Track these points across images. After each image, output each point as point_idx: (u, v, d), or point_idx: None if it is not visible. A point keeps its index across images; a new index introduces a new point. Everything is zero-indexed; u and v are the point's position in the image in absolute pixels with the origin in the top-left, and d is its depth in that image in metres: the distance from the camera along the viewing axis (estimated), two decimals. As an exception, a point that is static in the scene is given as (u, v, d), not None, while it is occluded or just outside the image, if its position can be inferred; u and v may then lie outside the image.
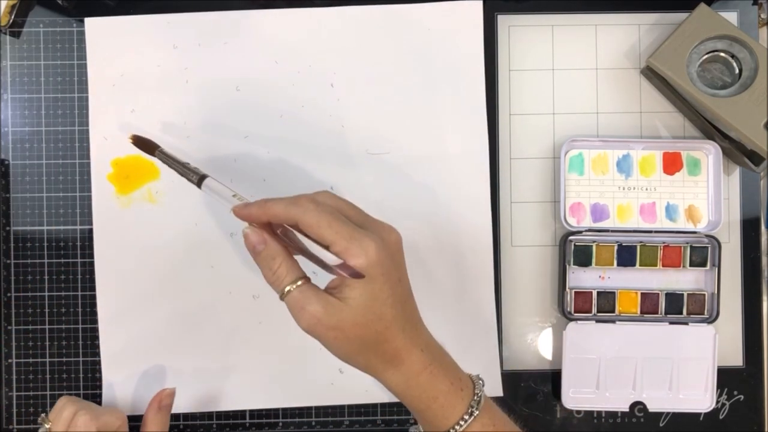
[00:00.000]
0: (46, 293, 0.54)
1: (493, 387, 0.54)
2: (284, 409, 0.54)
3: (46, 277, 0.54)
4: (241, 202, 0.42)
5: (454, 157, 0.54)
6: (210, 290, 0.53)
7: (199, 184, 0.45)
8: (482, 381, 0.44)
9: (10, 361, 0.54)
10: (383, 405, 0.54)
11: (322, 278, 0.41)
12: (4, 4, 0.53)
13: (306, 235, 0.40)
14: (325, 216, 0.39)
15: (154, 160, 0.49)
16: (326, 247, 0.40)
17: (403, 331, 0.40)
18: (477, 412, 0.41)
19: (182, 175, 0.46)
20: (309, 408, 0.54)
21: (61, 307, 0.54)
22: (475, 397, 0.42)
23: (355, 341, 0.40)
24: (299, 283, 0.40)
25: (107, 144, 0.53)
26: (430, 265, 0.53)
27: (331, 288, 0.41)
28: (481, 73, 0.54)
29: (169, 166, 0.47)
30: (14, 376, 0.54)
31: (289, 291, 0.40)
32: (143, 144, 0.49)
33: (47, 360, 0.54)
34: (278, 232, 0.42)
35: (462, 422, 0.41)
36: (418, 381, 0.41)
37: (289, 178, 0.53)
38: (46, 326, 0.54)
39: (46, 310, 0.54)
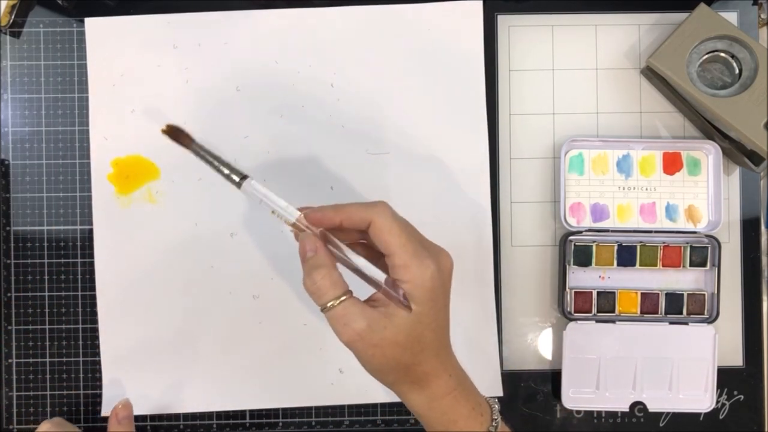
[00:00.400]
0: (46, 293, 0.54)
1: (493, 387, 0.54)
2: (284, 409, 0.54)
3: (46, 277, 0.54)
4: (299, 208, 0.41)
5: (455, 156, 0.54)
6: (210, 290, 0.53)
7: (239, 185, 0.42)
8: (498, 405, 0.45)
9: (10, 361, 0.54)
10: (383, 405, 0.54)
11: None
12: (4, 4, 0.53)
13: (365, 243, 0.40)
14: (398, 224, 0.40)
15: (157, 160, 0.49)
16: (382, 258, 0.40)
17: (437, 356, 0.41)
18: None
19: (219, 172, 0.42)
20: (309, 408, 0.54)
21: (61, 307, 0.54)
22: (494, 423, 0.43)
23: (391, 360, 0.40)
24: (343, 298, 0.39)
25: (107, 144, 0.53)
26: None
27: (374, 301, 0.41)
28: (481, 72, 0.54)
29: (206, 162, 0.43)
30: (14, 376, 0.54)
31: (332, 305, 0.39)
32: (177, 135, 0.44)
33: (47, 360, 0.54)
34: (327, 245, 0.41)
35: None
36: (440, 404, 0.42)
37: (289, 178, 0.53)
38: (46, 326, 0.54)
39: (46, 310, 0.54)
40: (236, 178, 0.42)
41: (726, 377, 0.54)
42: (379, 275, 0.40)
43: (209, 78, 0.53)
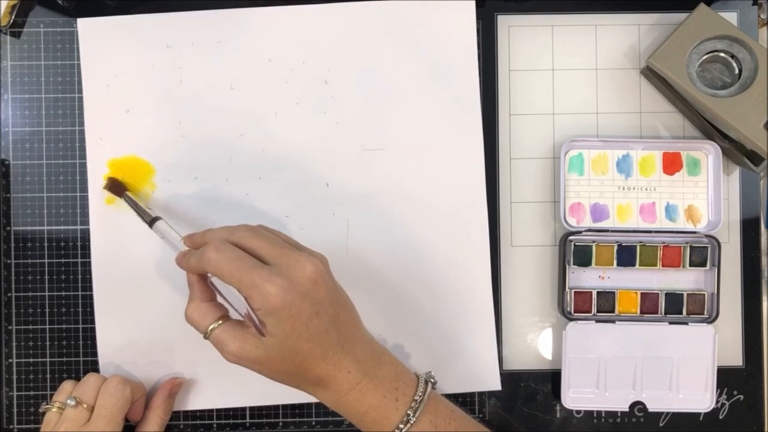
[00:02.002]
0: (46, 293, 0.54)
1: (492, 383, 0.54)
2: (284, 409, 0.54)
3: (46, 277, 0.54)
4: (180, 251, 0.46)
5: (450, 153, 0.54)
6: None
7: (150, 225, 0.49)
8: (432, 381, 0.46)
9: (10, 361, 0.54)
10: (383, 405, 0.54)
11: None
12: (4, 4, 0.53)
13: None
14: (227, 266, 0.41)
15: (153, 160, 0.49)
16: None
17: (324, 359, 0.42)
18: (414, 419, 0.43)
19: (139, 216, 0.50)
20: (309, 408, 0.54)
21: (61, 307, 0.54)
22: (413, 404, 0.43)
23: (278, 373, 0.43)
24: (214, 325, 0.43)
25: (103, 144, 0.53)
26: (427, 263, 0.53)
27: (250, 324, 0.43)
28: (475, 69, 0.54)
29: (133, 208, 0.51)
30: (14, 376, 0.54)
31: (208, 333, 0.43)
32: (114, 187, 0.52)
33: (47, 360, 0.54)
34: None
35: (397, 431, 0.43)
36: (347, 399, 0.43)
37: (285, 176, 0.53)
38: (46, 326, 0.54)
39: (46, 310, 0.54)
40: (147, 220, 0.50)
41: (726, 377, 0.54)
42: (240, 305, 0.44)
43: (203, 77, 0.53)
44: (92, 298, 0.53)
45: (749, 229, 0.55)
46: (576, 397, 0.53)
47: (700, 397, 0.53)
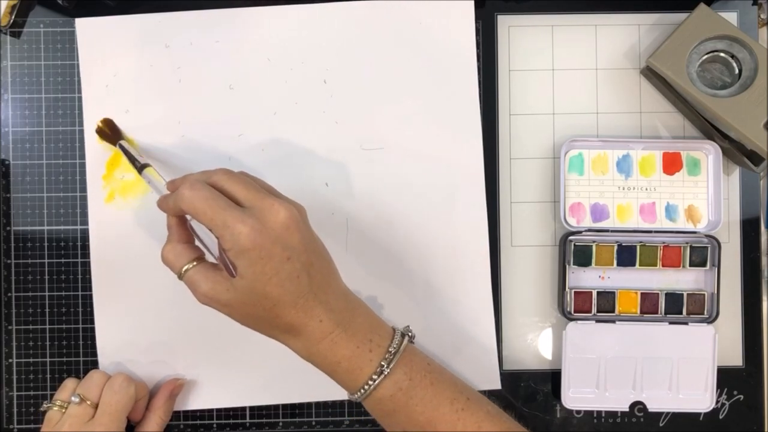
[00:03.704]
0: (46, 293, 0.54)
1: (492, 382, 0.54)
2: (284, 409, 0.54)
3: (46, 277, 0.54)
4: (162, 195, 0.46)
5: (449, 151, 0.54)
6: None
7: (140, 171, 0.50)
8: (410, 334, 0.45)
9: (10, 361, 0.54)
10: (383, 405, 0.54)
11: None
12: (4, 4, 0.53)
13: None
14: (200, 204, 0.41)
15: (152, 160, 0.49)
16: None
17: (295, 306, 0.42)
18: (387, 370, 0.42)
19: (131, 162, 0.51)
20: (309, 408, 0.54)
21: (61, 307, 0.54)
22: (387, 355, 0.43)
23: (248, 317, 0.43)
24: (188, 266, 0.43)
25: (102, 145, 0.53)
26: (426, 262, 0.54)
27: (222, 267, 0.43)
28: (474, 69, 0.54)
29: (125, 155, 0.51)
30: (14, 376, 0.54)
31: (186, 270, 0.43)
32: (110, 131, 0.53)
33: (47, 360, 0.54)
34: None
35: (370, 382, 0.42)
36: (319, 349, 0.43)
37: (284, 175, 0.53)
38: (46, 326, 0.54)
39: (46, 310, 0.54)
40: (138, 166, 0.50)
41: (726, 377, 0.54)
42: (214, 246, 0.44)
43: (202, 77, 0.53)
44: (92, 297, 0.53)
45: (749, 229, 0.55)
46: (576, 397, 0.53)
47: (700, 397, 0.53)
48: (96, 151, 0.53)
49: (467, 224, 0.54)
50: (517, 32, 0.55)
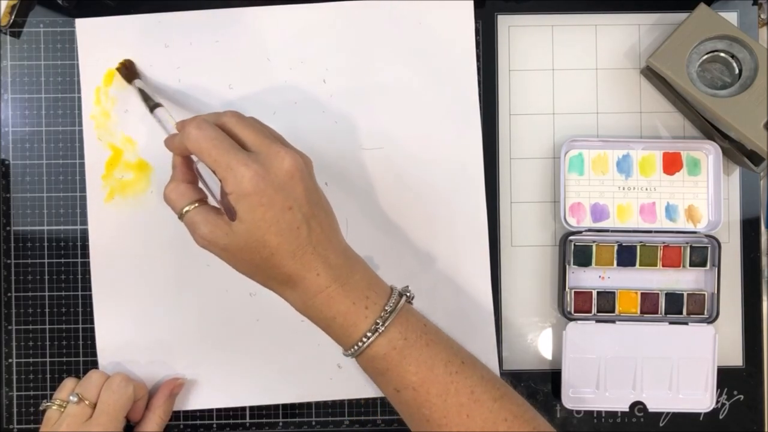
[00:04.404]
0: (46, 293, 0.54)
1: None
2: (284, 409, 0.54)
3: (46, 277, 0.54)
4: (170, 134, 0.46)
5: (449, 152, 0.54)
6: (206, 288, 0.53)
7: (151, 111, 0.49)
8: (408, 294, 0.45)
9: (10, 361, 0.54)
10: (383, 404, 0.54)
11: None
12: (4, 4, 0.53)
13: None
14: (206, 144, 0.40)
15: (151, 161, 0.49)
16: None
17: (293, 257, 0.41)
18: (382, 328, 0.42)
19: (144, 101, 0.50)
20: (309, 408, 0.54)
21: (61, 307, 0.54)
22: (383, 314, 0.42)
23: (245, 263, 0.42)
24: (189, 207, 0.42)
25: (101, 145, 0.53)
26: (426, 262, 0.54)
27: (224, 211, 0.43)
28: (473, 68, 0.54)
29: (140, 94, 0.51)
30: (14, 376, 0.54)
31: (182, 214, 0.42)
32: (128, 70, 0.52)
33: (47, 360, 0.54)
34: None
35: (364, 339, 0.42)
36: (314, 302, 0.42)
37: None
38: (46, 326, 0.54)
39: (46, 310, 0.54)
40: (150, 105, 0.49)
41: (726, 377, 0.54)
42: (217, 190, 0.43)
43: (202, 77, 0.53)
44: (92, 297, 0.53)
45: (749, 229, 0.55)
46: (576, 397, 0.53)
47: (700, 397, 0.53)
48: (95, 150, 0.53)
49: (467, 224, 0.54)
50: (517, 32, 0.55)
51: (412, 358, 0.42)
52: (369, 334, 0.42)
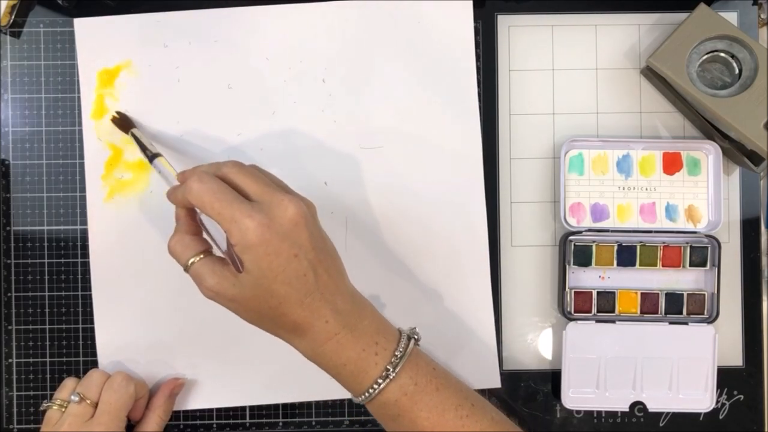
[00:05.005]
0: (46, 293, 0.54)
1: (492, 381, 0.54)
2: (284, 409, 0.54)
3: (46, 277, 0.54)
4: (172, 186, 0.46)
5: (448, 150, 0.54)
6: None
7: (150, 161, 0.49)
8: (416, 337, 0.45)
9: (10, 361, 0.54)
10: (383, 405, 0.54)
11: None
12: (4, 4, 0.53)
13: None
14: (208, 197, 0.40)
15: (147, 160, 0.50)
16: None
17: (301, 305, 0.41)
18: (393, 374, 0.42)
19: (142, 151, 0.50)
20: (309, 408, 0.54)
21: (61, 307, 0.54)
22: (393, 359, 0.42)
23: (253, 313, 0.42)
24: (195, 259, 0.42)
25: (100, 144, 0.53)
26: (426, 262, 0.54)
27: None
28: (473, 68, 0.54)
29: (137, 144, 0.51)
30: (14, 376, 0.54)
31: (192, 263, 0.42)
32: (122, 121, 0.52)
33: (47, 360, 0.54)
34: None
35: (375, 386, 0.42)
36: (324, 350, 0.42)
37: (283, 175, 0.53)
38: (46, 326, 0.54)
39: (46, 310, 0.54)
40: (149, 155, 0.49)
41: (726, 377, 0.54)
42: (222, 240, 0.43)
43: (201, 76, 0.53)
44: (92, 297, 0.53)
45: (749, 229, 0.55)
46: (576, 397, 0.53)
47: (700, 397, 0.53)
48: (95, 150, 0.53)
49: (467, 224, 0.54)
50: (517, 32, 0.55)
51: (423, 403, 0.42)
52: (380, 381, 0.42)
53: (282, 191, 0.42)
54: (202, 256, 0.42)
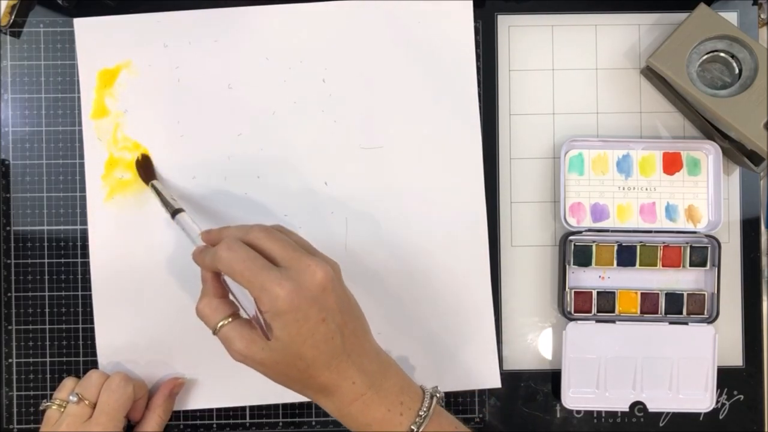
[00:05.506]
0: (46, 293, 0.54)
1: (492, 381, 0.54)
2: (284, 409, 0.54)
3: (46, 277, 0.54)
4: (197, 247, 0.46)
5: (448, 150, 0.54)
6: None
7: (172, 216, 0.49)
8: (438, 395, 0.45)
9: (10, 361, 0.54)
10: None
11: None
12: (4, 4, 0.53)
13: None
14: (238, 266, 0.41)
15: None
16: None
17: (329, 367, 0.42)
18: None
19: (163, 206, 0.50)
20: (309, 408, 0.54)
21: (61, 307, 0.54)
22: (417, 419, 0.43)
23: (281, 376, 0.43)
24: (224, 322, 0.43)
25: (100, 145, 0.53)
26: (426, 262, 0.54)
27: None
28: (473, 68, 0.54)
29: (158, 197, 0.51)
30: (14, 376, 0.54)
31: (222, 326, 0.43)
32: (144, 169, 0.52)
33: (47, 360, 0.54)
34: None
35: None
36: (350, 410, 0.43)
37: (282, 175, 0.53)
38: (46, 326, 0.54)
39: (46, 310, 0.54)
40: (170, 211, 0.49)
41: (726, 377, 0.54)
42: (250, 306, 0.43)
43: (201, 76, 0.53)
44: (92, 297, 0.53)
45: (749, 229, 0.55)
46: (576, 397, 0.53)
47: (700, 397, 0.53)
48: (94, 150, 0.53)
49: (467, 224, 0.54)
50: (517, 32, 0.55)
51: None
52: None
53: (308, 255, 0.42)
54: (230, 319, 0.43)
